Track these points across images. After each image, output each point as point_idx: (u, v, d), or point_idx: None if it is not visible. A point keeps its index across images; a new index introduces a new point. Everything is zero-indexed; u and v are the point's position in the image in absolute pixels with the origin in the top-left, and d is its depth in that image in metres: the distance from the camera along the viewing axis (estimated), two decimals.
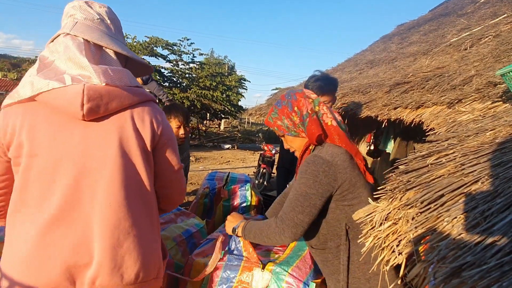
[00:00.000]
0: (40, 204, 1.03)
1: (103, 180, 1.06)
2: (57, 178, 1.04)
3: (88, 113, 1.04)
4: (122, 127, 1.10)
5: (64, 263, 1.01)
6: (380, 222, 1.18)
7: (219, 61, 31.25)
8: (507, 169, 1.09)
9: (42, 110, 1.06)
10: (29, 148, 1.04)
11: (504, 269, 0.74)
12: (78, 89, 1.02)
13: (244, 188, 2.83)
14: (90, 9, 1.18)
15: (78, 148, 1.05)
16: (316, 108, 1.44)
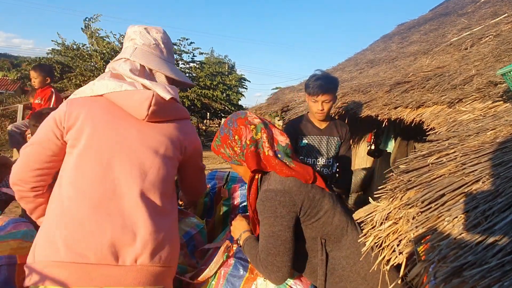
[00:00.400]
0: (92, 184, 1.16)
1: (149, 173, 1.23)
2: (111, 162, 1.19)
3: (151, 114, 1.25)
4: (169, 133, 1.33)
5: (110, 239, 1.11)
6: (380, 222, 1.18)
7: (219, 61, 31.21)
8: (508, 168, 1.09)
9: (106, 105, 1.26)
10: (89, 134, 1.21)
11: (505, 269, 0.73)
12: (149, 94, 1.25)
13: (244, 188, 2.83)
14: (148, 35, 1.40)
15: (133, 141, 1.24)
16: (258, 135, 1.37)
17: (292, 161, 1.36)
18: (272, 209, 1.26)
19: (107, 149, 1.20)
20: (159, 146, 1.28)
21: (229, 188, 2.80)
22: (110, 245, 1.11)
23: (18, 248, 1.41)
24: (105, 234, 1.11)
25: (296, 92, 5.67)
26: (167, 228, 1.23)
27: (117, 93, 1.25)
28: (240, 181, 3.02)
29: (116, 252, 1.12)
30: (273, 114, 5.73)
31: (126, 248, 1.13)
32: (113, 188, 1.17)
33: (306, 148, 2.50)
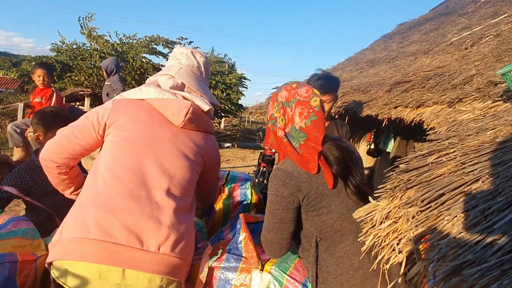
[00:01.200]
0: (127, 172, 1.27)
1: (177, 172, 1.35)
2: (145, 157, 1.31)
3: (187, 122, 1.41)
4: (199, 142, 1.47)
5: (138, 224, 1.20)
6: (380, 221, 1.18)
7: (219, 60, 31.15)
8: (507, 168, 1.10)
9: (148, 108, 1.42)
10: (130, 129, 1.35)
11: (504, 268, 0.74)
12: (188, 103, 1.42)
13: (244, 187, 2.83)
14: (194, 58, 1.60)
15: (167, 142, 1.37)
16: (276, 114, 1.38)
17: (300, 147, 1.30)
18: (276, 188, 1.28)
19: (143, 145, 1.33)
20: (188, 151, 1.41)
21: (229, 188, 2.80)
22: (137, 229, 1.19)
23: (18, 246, 1.41)
24: (134, 218, 1.20)
25: None
26: (187, 224, 1.32)
27: (158, 100, 1.42)
28: (240, 180, 3.02)
29: (142, 237, 1.19)
30: None
31: (152, 234, 1.20)
32: (145, 179, 1.28)
33: None
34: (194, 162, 1.43)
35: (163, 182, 1.30)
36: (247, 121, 30.86)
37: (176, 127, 1.43)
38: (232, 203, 2.73)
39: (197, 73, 1.60)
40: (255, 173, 8.63)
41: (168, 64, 1.62)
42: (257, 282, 1.48)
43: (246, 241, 1.61)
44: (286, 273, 1.48)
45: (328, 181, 1.28)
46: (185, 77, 1.54)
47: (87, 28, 13.65)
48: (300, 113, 1.32)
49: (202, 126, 1.51)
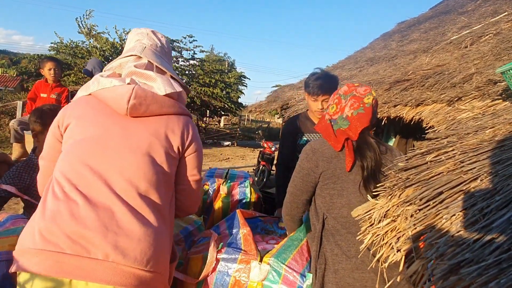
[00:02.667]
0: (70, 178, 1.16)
1: (130, 169, 1.19)
2: (90, 160, 1.19)
3: (131, 108, 1.22)
4: (156, 130, 1.27)
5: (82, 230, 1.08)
6: (379, 219, 1.18)
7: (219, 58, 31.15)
8: (506, 166, 1.09)
9: (96, 103, 1.28)
10: (77, 132, 1.23)
11: (502, 266, 0.74)
12: (130, 87, 1.23)
13: (243, 185, 2.83)
14: (155, 37, 1.47)
15: (115, 139, 1.22)
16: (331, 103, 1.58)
17: (337, 131, 1.47)
18: (301, 159, 1.51)
19: (88, 147, 1.20)
20: (142, 143, 1.23)
21: (228, 186, 2.80)
22: (80, 236, 1.08)
23: (16, 244, 1.41)
24: (77, 224, 1.09)
25: (296, 90, 5.66)
26: (146, 231, 1.15)
27: (105, 90, 1.26)
28: (239, 178, 3.02)
29: (86, 244, 1.08)
30: (273, 111, 5.72)
31: (96, 241, 1.08)
32: (91, 183, 1.15)
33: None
34: (151, 156, 1.24)
35: (112, 185, 1.16)
36: (247, 120, 30.87)
37: (127, 118, 1.26)
38: (231, 202, 2.74)
39: (161, 53, 1.46)
40: (255, 172, 8.62)
41: (129, 46, 1.46)
42: (256, 272, 1.50)
43: (246, 237, 1.62)
44: (284, 264, 1.50)
45: (347, 164, 1.42)
46: (151, 57, 1.38)
47: (85, 26, 13.62)
48: (351, 104, 1.48)
49: (161, 108, 1.29)
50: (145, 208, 1.18)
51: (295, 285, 1.47)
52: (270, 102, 5.81)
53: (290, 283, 1.47)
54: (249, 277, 1.50)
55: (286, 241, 1.65)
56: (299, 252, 1.60)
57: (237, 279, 1.51)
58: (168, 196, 1.29)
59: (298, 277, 1.48)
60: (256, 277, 1.49)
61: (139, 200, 1.17)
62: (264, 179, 7.58)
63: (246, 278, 1.50)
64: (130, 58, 1.38)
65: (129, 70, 1.33)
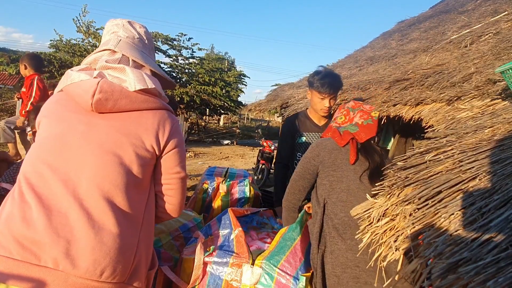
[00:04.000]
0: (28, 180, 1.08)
1: (90, 170, 1.09)
2: (50, 160, 1.10)
3: (96, 103, 1.12)
4: (125, 127, 1.17)
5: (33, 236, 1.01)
6: (377, 218, 1.19)
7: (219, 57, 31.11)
8: (505, 166, 1.10)
9: (64, 100, 1.21)
10: (42, 132, 1.16)
11: (500, 265, 0.74)
12: (95, 81, 1.13)
13: (243, 184, 2.83)
14: (132, 28, 1.35)
15: (76, 138, 1.12)
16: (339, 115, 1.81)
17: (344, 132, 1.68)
18: (307, 151, 1.74)
19: (50, 146, 1.13)
20: (107, 142, 1.14)
21: (227, 184, 2.81)
22: (30, 241, 1.01)
23: None
24: (28, 229, 1.02)
25: (296, 88, 5.66)
26: (104, 238, 1.06)
27: (72, 85, 1.17)
28: (238, 177, 3.02)
29: (36, 251, 1.01)
30: (273, 110, 5.71)
31: (46, 248, 1.01)
32: (47, 185, 1.07)
33: (304, 145, 2.49)
34: (119, 155, 1.13)
35: (73, 186, 1.07)
36: (246, 119, 30.85)
37: (94, 114, 1.16)
38: (231, 200, 2.74)
39: (139, 45, 1.35)
40: (254, 170, 8.63)
41: (104, 40, 1.35)
42: (248, 276, 1.49)
43: (238, 238, 1.61)
44: (277, 267, 1.49)
45: (351, 158, 1.61)
46: (127, 50, 1.27)
47: (83, 23, 13.58)
48: (361, 116, 1.73)
49: (131, 104, 1.18)
50: (107, 212, 1.08)
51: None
52: (270, 101, 5.81)
53: (282, 286, 1.46)
54: (241, 281, 1.49)
55: (280, 241, 1.65)
56: (293, 252, 1.59)
57: (229, 282, 1.50)
58: (140, 198, 1.18)
59: (291, 280, 1.47)
60: (248, 281, 1.49)
61: (101, 203, 1.07)
62: (263, 178, 7.58)
63: (238, 281, 1.49)
64: (104, 53, 1.28)
65: (100, 65, 1.23)
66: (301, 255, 1.61)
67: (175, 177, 1.27)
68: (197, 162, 10.04)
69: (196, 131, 18.60)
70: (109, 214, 1.08)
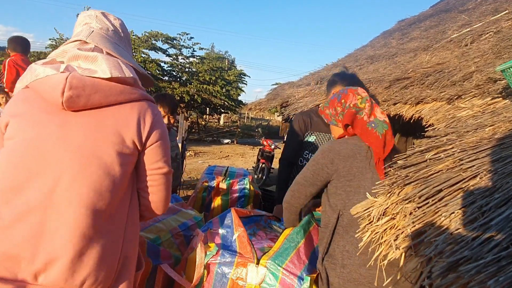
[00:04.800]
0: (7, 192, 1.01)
1: (68, 175, 1.01)
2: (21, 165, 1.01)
3: (68, 101, 1.02)
4: (102, 124, 1.07)
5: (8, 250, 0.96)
6: (378, 217, 1.18)
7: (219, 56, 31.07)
8: (505, 164, 1.09)
9: (31, 97, 1.09)
10: (10, 134, 1.06)
11: (501, 264, 0.74)
12: (63, 76, 1.02)
13: (243, 183, 2.83)
14: (106, 20, 1.25)
15: (49, 140, 1.03)
16: (362, 105, 1.55)
17: (382, 135, 1.48)
18: (317, 154, 1.53)
19: (22, 152, 1.03)
20: (84, 142, 1.04)
21: (227, 183, 2.80)
22: (6, 256, 0.96)
23: None
24: (3, 244, 0.96)
25: (296, 87, 5.65)
26: (85, 247, 1.01)
27: (38, 81, 1.07)
28: (238, 176, 3.02)
29: (12, 266, 0.96)
30: (273, 109, 5.70)
31: (24, 262, 0.96)
32: (22, 196, 1.00)
33: (313, 145, 2.42)
34: (98, 156, 1.05)
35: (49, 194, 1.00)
36: (247, 118, 30.84)
37: (67, 113, 1.06)
38: (231, 199, 2.74)
39: (114, 38, 1.24)
40: (254, 169, 8.63)
41: (76, 32, 1.25)
42: (253, 275, 1.49)
43: (241, 239, 1.61)
44: (281, 267, 1.49)
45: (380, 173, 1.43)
46: (100, 41, 1.17)
47: None
48: (382, 112, 1.58)
49: (106, 97, 1.08)
50: (87, 221, 1.01)
51: None
52: (270, 100, 5.80)
53: (287, 286, 1.47)
54: (247, 280, 1.50)
55: (284, 242, 1.64)
56: (297, 254, 1.59)
57: (235, 281, 1.50)
58: (123, 198, 1.12)
59: (296, 280, 1.47)
60: (253, 280, 1.49)
61: (82, 211, 1.00)
62: (263, 177, 7.58)
63: (244, 281, 1.50)
64: (74, 44, 1.18)
65: (71, 54, 1.12)
66: (305, 257, 1.61)
67: (158, 172, 1.18)
68: (197, 161, 10.04)
69: (196, 130, 18.60)
70: (89, 222, 1.01)
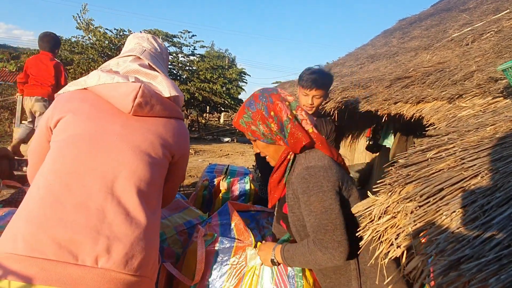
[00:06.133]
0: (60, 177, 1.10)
1: (127, 169, 1.15)
2: (85, 158, 1.13)
3: (137, 107, 1.21)
4: (157, 130, 1.26)
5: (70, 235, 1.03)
6: (379, 216, 1.19)
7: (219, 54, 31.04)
8: (507, 163, 1.09)
9: (95, 99, 1.24)
10: (72, 128, 1.17)
11: (502, 262, 0.74)
12: (136, 85, 1.21)
13: (243, 181, 2.84)
14: (155, 42, 1.51)
15: (113, 137, 1.18)
16: (294, 112, 1.37)
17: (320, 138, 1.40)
18: (318, 185, 1.25)
19: (85, 144, 1.15)
20: (142, 144, 1.20)
21: (228, 182, 2.81)
22: (69, 241, 1.02)
23: None
24: (67, 230, 1.03)
25: (296, 86, 5.64)
26: (140, 234, 1.11)
27: (104, 86, 1.23)
28: (239, 174, 3.02)
29: (75, 250, 1.02)
30: None
31: (86, 247, 1.03)
32: (83, 184, 1.09)
33: None
34: (151, 156, 1.21)
35: (107, 184, 1.11)
36: None
37: (128, 116, 1.23)
38: (231, 197, 2.74)
39: (159, 58, 1.47)
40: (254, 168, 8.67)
41: (129, 47, 1.47)
42: (253, 257, 1.51)
43: (238, 226, 1.63)
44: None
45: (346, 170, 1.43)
46: (150, 60, 1.40)
47: (84, 21, 13.58)
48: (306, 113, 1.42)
49: (163, 110, 1.29)
50: (140, 209, 1.13)
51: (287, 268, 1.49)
52: None
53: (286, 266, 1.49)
54: (247, 263, 1.51)
55: None
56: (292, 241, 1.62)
57: (234, 267, 1.52)
58: (159, 196, 1.27)
59: None
60: (254, 262, 1.50)
61: (137, 201, 1.13)
62: None
63: (243, 265, 1.51)
64: (129, 58, 1.38)
65: (130, 68, 1.33)
66: None
67: (179, 179, 1.45)
68: (197, 159, 10.04)
69: (197, 129, 18.61)
70: (143, 212, 1.14)
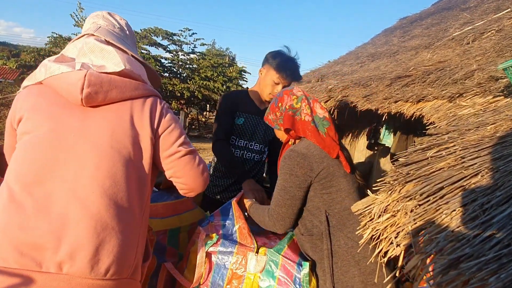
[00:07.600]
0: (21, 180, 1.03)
1: (90, 167, 1.06)
2: (44, 159, 1.05)
3: (87, 98, 1.08)
4: (120, 118, 1.14)
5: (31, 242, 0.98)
6: (378, 214, 1.19)
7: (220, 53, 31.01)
8: (507, 162, 1.09)
9: (49, 93, 1.13)
10: (29, 128, 1.09)
11: (502, 261, 0.74)
12: (81, 74, 1.07)
13: None
14: (112, 18, 1.35)
15: (71, 134, 1.08)
16: (298, 105, 1.53)
17: (326, 134, 1.48)
18: (290, 167, 1.42)
19: (43, 145, 1.07)
20: (104, 136, 1.09)
21: None
22: (31, 248, 0.97)
23: None
24: (26, 235, 0.98)
25: (296, 85, 5.64)
26: (106, 237, 1.03)
27: (54, 78, 1.11)
28: None
29: (38, 257, 0.97)
30: None
31: (48, 253, 0.98)
32: (45, 189, 1.03)
33: (242, 128, 2.23)
34: (116, 149, 1.09)
35: (71, 186, 1.03)
36: None
37: (85, 108, 1.12)
38: None
39: (120, 34, 1.32)
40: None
41: (85, 28, 1.33)
42: (253, 264, 1.50)
43: (241, 230, 1.62)
44: (281, 254, 1.51)
45: (345, 165, 1.47)
46: (107, 35, 1.24)
47: (81, 19, 13.63)
48: (321, 107, 1.55)
49: (121, 92, 1.14)
50: (110, 210, 1.05)
51: (292, 275, 1.48)
52: None
53: (287, 272, 1.48)
54: (246, 269, 1.51)
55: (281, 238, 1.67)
56: (292, 242, 1.62)
57: (234, 271, 1.51)
58: (141, 192, 1.16)
59: (295, 266, 1.49)
60: (254, 269, 1.50)
61: (104, 201, 1.04)
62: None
63: (243, 270, 1.50)
64: (82, 38, 1.24)
65: (87, 47, 1.18)
66: (299, 246, 1.62)
67: (177, 156, 1.22)
68: None
69: (197, 127, 18.60)
70: (112, 212, 1.05)
